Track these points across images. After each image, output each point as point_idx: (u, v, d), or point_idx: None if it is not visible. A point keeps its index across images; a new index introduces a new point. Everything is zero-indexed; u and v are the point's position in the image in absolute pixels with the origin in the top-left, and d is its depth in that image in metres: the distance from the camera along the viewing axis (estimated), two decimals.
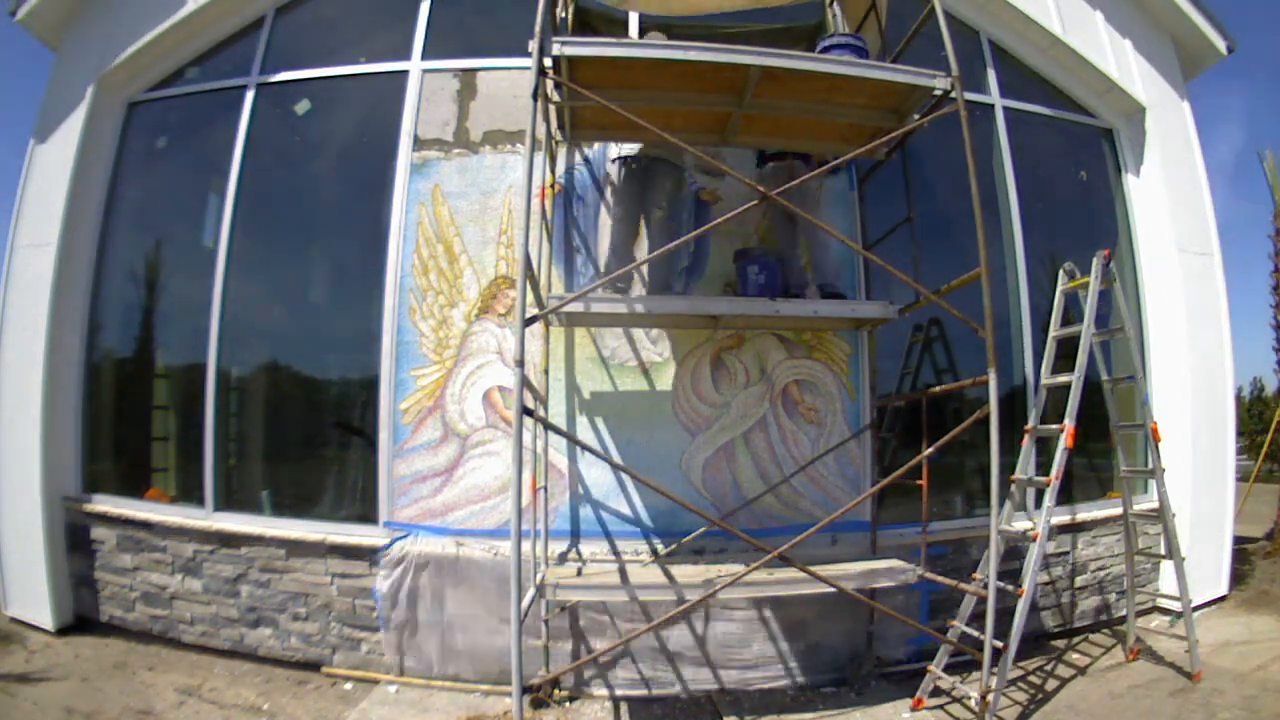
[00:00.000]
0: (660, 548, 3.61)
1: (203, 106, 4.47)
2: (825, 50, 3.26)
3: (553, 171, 3.85)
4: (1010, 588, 3.11)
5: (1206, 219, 4.83)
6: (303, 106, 4.31)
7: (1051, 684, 3.51)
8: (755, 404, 3.80)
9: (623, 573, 3.24)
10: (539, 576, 3.19)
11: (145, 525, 4.00)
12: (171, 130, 4.61)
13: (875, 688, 3.53)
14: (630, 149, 3.63)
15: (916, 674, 3.44)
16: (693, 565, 3.39)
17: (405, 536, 3.63)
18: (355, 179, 4.26)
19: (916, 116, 3.31)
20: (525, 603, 2.71)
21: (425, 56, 4.10)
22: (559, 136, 3.69)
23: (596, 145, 3.94)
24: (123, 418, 4.49)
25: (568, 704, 3.38)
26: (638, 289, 3.71)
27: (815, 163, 3.61)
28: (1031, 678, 3.57)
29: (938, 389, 3.72)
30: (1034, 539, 3.15)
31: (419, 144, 3.96)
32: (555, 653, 3.49)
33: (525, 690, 2.59)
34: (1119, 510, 3.91)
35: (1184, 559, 3.62)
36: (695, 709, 3.37)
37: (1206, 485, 4.50)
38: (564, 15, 3.77)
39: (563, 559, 3.58)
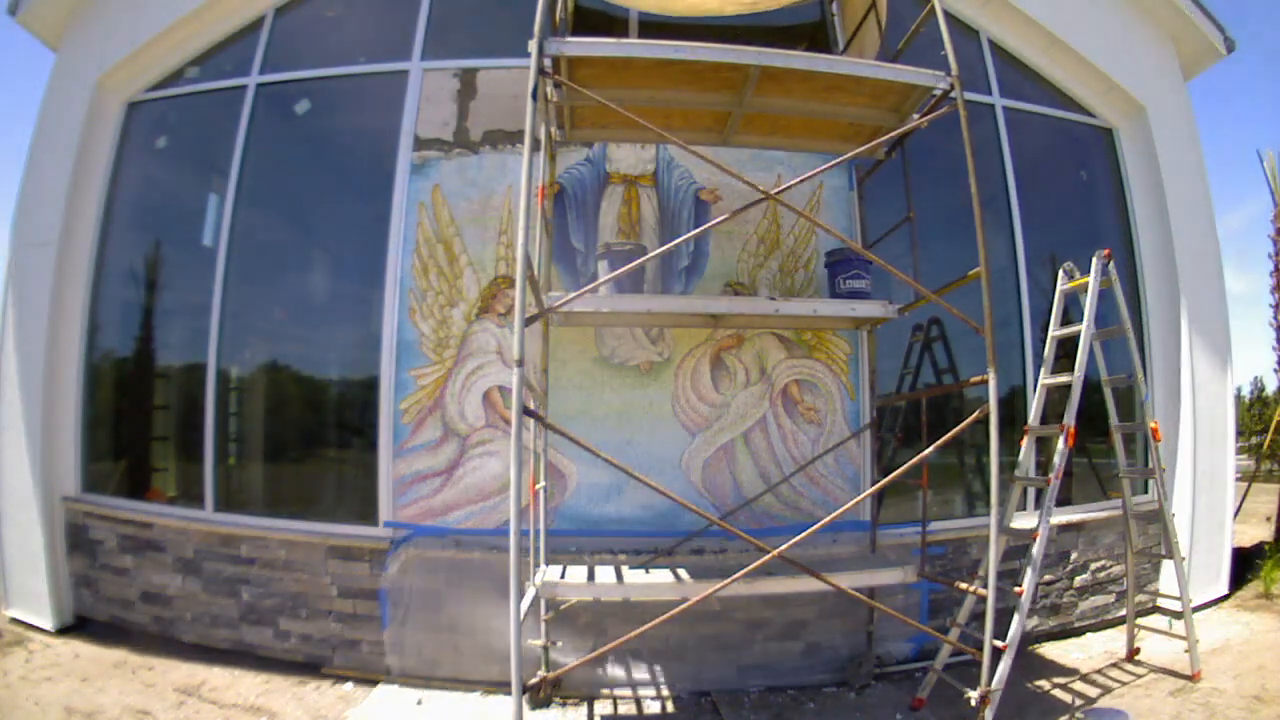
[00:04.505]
0: (660, 547, 3.61)
1: (202, 106, 4.47)
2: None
3: (553, 171, 3.85)
4: (1010, 588, 3.11)
5: (1207, 219, 4.83)
6: (302, 106, 4.31)
7: (1052, 684, 3.51)
8: (755, 404, 3.80)
9: (622, 573, 3.23)
10: (538, 577, 3.19)
11: (145, 525, 4.00)
12: (171, 130, 4.62)
13: (875, 688, 3.53)
14: None
15: (916, 673, 3.44)
16: (693, 565, 3.39)
17: (405, 537, 3.63)
18: (355, 179, 4.26)
19: (916, 116, 3.31)
20: (524, 603, 2.71)
21: (425, 56, 4.10)
22: (559, 136, 3.69)
23: (596, 145, 3.94)
24: (123, 418, 4.49)
25: (567, 704, 3.38)
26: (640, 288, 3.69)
27: None
28: (1031, 677, 3.57)
29: (937, 389, 3.72)
30: (1034, 539, 3.15)
31: (419, 144, 3.96)
32: (554, 653, 3.49)
33: (524, 690, 2.59)
34: (1119, 510, 3.90)
35: (1184, 559, 3.62)
36: (695, 709, 3.37)
37: (1206, 485, 4.50)
38: (563, 15, 3.77)
39: (563, 559, 3.58)
